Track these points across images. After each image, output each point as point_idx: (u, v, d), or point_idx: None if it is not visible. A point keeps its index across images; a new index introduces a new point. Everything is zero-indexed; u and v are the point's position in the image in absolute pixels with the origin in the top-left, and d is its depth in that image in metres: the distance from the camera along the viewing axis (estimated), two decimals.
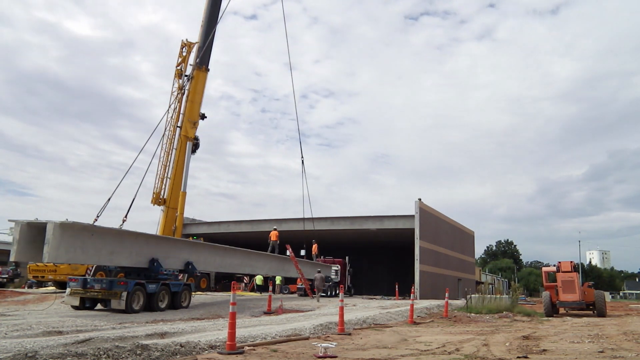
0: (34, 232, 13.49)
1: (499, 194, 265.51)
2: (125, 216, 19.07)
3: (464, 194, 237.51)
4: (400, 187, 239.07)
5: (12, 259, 14.13)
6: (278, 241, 30.24)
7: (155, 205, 21.96)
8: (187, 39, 23.44)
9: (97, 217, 18.13)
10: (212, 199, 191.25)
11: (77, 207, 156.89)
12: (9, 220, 13.77)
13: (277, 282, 35.52)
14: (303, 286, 32.41)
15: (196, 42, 23.18)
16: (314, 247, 33.03)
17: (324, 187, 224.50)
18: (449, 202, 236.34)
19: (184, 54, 23.20)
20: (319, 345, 8.47)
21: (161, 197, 21.85)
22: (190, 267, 18.93)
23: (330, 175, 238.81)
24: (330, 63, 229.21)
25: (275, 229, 31.30)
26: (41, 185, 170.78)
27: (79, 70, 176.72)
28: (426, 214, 35.06)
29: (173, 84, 23.01)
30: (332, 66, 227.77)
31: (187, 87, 22.74)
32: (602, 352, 8.76)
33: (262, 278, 34.32)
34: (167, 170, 22.06)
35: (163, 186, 21.99)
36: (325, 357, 7.82)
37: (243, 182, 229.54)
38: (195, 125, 22.83)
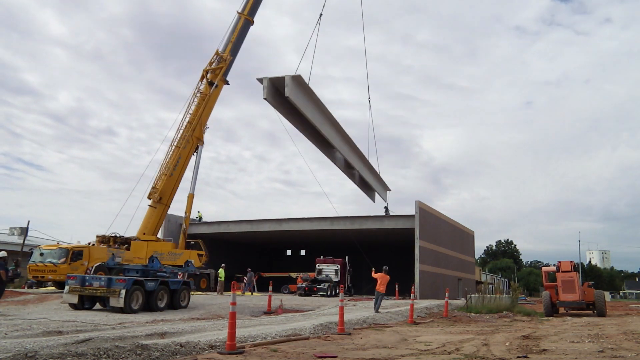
0: None
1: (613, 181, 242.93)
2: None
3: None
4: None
5: None
6: None
7: (150, 199, 22.17)
8: (220, 49, 25.42)
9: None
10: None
11: None
12: None
13: (221, 277, 29.32)
14: (303, 286, 32.43)
15: (229, 57, 24.99)
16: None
17: None
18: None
19: (214, 63, 24.86)
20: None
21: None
22: (189, 265, 18.93)
23: None
24: None
25: None
26: None
27: None
28: (426, 214, 35.04)
29: (198, 86, 24.40)
30: None
31: (209, 93, 24.27)
32: (602, 352, 8.75)
33: (224, 273, 29.73)
34: (172, 168, 22.42)
35: (162, 183, 22.12)
36: (325, 357, 7.81)
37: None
38: (204, 130, 24.40)
